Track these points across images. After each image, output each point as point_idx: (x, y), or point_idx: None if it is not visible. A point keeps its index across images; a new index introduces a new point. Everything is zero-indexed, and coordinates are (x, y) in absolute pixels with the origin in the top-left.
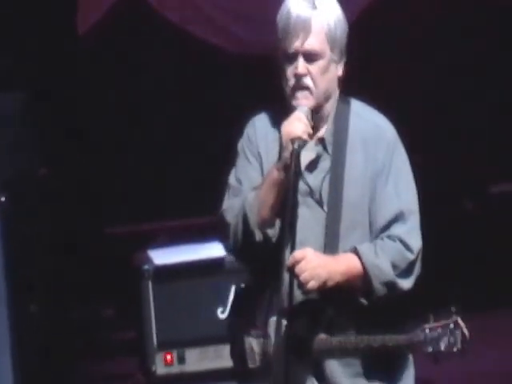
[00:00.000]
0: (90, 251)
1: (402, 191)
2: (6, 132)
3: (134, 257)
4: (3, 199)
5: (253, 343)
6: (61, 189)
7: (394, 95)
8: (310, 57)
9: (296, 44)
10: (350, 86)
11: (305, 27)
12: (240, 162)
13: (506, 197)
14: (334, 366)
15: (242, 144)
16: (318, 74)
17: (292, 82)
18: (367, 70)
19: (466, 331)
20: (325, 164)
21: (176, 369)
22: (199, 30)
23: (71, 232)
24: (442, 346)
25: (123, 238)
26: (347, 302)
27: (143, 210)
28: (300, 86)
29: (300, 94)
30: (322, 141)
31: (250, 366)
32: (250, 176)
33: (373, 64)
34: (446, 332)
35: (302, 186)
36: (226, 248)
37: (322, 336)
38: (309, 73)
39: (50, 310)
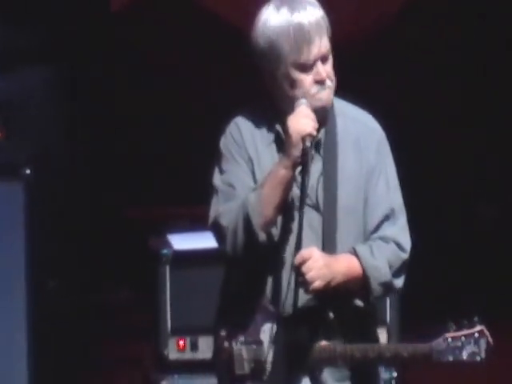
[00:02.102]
0: (109, 233)
1: (392, 190)
2: (34, 105)
3: (152, 241)
4: (28, 172)
5: (242, 350)
6: (84, 166)
7: (410, 95)
8: (326, 58)
9: (314, 51)
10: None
11: (319, 30)
12: (228, 166)
13: None
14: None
15: (227, 146)
16: (331, 71)
17: (314, 89)
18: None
19: (491, 340)
20: (317, 166)
21: (188, 355)
22: (225, 11)
23: (92, 212)
24: (465, 355)
25: (143, 221)
26: (344, 304)
27: (164, 193)
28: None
29: (323, 95)
30: (316, 142)
31: (238, 372)
32: (243, 180)
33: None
34: (470, 341)
35: (295, 190)
36: (223, 252)
37: (325, 343)
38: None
39: (67, 287)
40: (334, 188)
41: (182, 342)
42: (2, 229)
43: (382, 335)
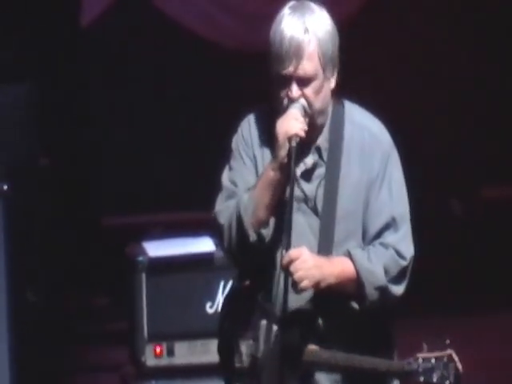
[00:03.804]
0: (86, 241)
1: (394, 199)
2: (9, 121)
3: (128, 248)
4: (6, 187)
5: (241, 344)
6: (60, 179)
7: (386, 97)
8: (304, 81)
9: (289, 69)
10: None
11: (297, 52)
12: (235, 163)
13: (497, 201)
14: (321, 377)
15: (237, 144)
16: (312, 96)
17: (286, 102)
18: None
19: (459, 366)
20: (320, 171)
21: (165, 361)
22: (198, 25)
23: (69, 221)
24: (435, 378)
25: (119, 229)
26: (340, 309)
27: (139, 201)
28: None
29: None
30: (318, 149)
31: (237, 365)
32: (245, 179)
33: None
34: (440, 364)
35: (297, 192)
36: (221, 249)
37: (313, 347)
38: (303, 95)
39: (47, 298)
40: (334, 193)
41: (158, 349)
42: None
43: None
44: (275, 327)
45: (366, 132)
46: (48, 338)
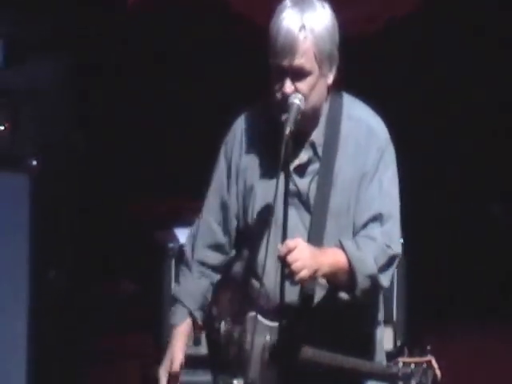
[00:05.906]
0: (116, 225)
1: (384, 195)
2: (41, 97)
3: (158, 234)
4: (34, 163)
5: (228, 333)
6: (91, 158)
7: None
8: (298, 75)
9: (284, 62)
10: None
11: (291, 48)
12: (216, 165)
13: None
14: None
15: (223, 145)
16: (306, 91)
17: (279, 95)
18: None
19: (438, 373)
20: (314, 167)
21: (191, 350)
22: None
23: (98, 203)
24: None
25: (150, 215)
26: (326, 307)
27: (171, 187)
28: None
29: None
30: (312, 144)
31: (223, 354)
32: (214, 192)
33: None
34: (419, 370)
35: (290, 186)
36: None
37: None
38: (296, 90)
39: (71, 281)
40: (327, 189)
41: None
42: (8, 219)
43: (388, 334)
44: (263, 320)
45: (363, 125)
46: (70, 322)
